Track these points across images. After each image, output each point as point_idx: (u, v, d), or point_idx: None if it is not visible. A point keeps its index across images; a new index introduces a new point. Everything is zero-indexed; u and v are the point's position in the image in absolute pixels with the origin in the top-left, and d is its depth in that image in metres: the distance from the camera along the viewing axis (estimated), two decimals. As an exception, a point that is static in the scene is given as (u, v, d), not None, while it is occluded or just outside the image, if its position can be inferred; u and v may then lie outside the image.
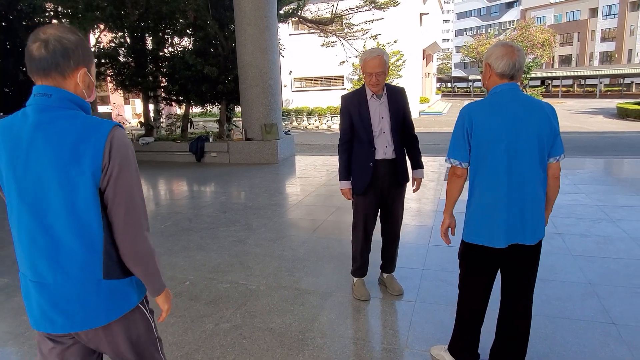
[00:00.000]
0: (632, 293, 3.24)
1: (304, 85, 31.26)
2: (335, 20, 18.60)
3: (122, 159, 1.34)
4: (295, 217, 5.66)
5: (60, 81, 1.35)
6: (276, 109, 9.91)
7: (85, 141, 1.30)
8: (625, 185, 6.47)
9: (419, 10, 29.84)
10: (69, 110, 1.35)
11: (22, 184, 1.32)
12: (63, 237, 1.33)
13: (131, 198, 1.37)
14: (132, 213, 1.38)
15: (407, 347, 2.71)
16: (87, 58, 1.40)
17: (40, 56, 1.32)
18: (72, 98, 1.37)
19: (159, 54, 11.86)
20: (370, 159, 3.05)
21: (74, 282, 1.36)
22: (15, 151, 1.31)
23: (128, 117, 27.24)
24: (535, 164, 2.08)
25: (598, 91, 46.14)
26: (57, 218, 1.32)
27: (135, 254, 1.41)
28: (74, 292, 1.36)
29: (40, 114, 1.33)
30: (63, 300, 1.37)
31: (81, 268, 1.35)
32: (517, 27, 48.50)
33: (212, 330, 2.96)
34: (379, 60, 2.90)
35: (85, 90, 1.41)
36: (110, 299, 1.41)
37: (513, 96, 2.09)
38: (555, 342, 2.69)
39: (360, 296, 3.29)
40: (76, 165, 1.29)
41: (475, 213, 2.17)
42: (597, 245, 4.19)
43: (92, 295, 1.38)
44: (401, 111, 3.10)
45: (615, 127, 20.78)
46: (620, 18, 51.79)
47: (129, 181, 1.36)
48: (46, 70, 1.34)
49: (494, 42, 2.26)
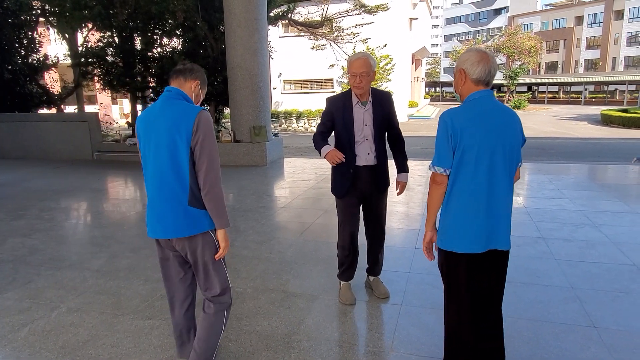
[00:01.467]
0: (613, 297, 3.30)
1: (293, 88, 31.27)
2: (325, 24, 18.67)
3: (205, 131, 2.08)
4: (283, 219, 5.66)
5: (182, 83, 2.23)
6: (265, 111, 9.90)
7: (184, 118, 2.08)
8: (609, 191, 6.59)
9: (408, 15, 30.06)
10: (179, 100, 2.17)
11: (149, 145, 2.15)
12: (167, 177, 2.11)
13: (211, 156, 2.10)
14: (211, 166, 2.10)
15: (392, 350, 2.73)
16: (201, 78, 2.29)
17: (178, 67, 2.27)
18: (183, 95, 2.21)
19: (147, 54, 11.77)
20: (351, 165, 3.05)
21: (170, 205, 2.12)
22: (147, 125, 2.17)
23: (115, 117, 26.98)
24: (509, 171, 2.13)
25: (583, 98, 46.93)
26: (165, 166, 2.10)
27: (211, 194, 2.11)
28: (170, 212, 2.12)
29: (163, 102, 2.18)
30: (163, 216, 2.14)
31: (175, 197, 2.11)
32: (505, 34, 49.19)
33: (197, 332, 2.94)
34: (363, 61, 2.90)
35: (194, 96, 2.26)
36: (192, 220, 2.13)
37: (491, 104, 2.11)
38: (538, 345, 2.73)
39: (346, 300, 3.30)
40: (177, 133, 2.06)
41: (455, 219, 2.15)
42: (580, 250, 4.26)
43: (180, 215, 2.12)
44: (386, 117, 3.10)
45: (600, 133, 21.15)
46: (605, 26, 52.77)
47: (210, 145, 2.09)
48: (177, 74, 2.23)
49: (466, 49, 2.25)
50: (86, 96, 23.29)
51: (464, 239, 2.13)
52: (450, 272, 2.25)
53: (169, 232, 2.15)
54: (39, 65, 13.03)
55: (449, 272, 2.25)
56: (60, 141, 11.19)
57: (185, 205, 2.11)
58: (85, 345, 2.82)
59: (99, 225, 5.64)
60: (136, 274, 3.94)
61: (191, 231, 2.13)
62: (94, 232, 5.37)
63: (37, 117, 12.14)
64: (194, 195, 2.12)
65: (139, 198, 7.21)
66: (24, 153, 11.35)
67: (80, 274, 3.96)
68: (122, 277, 3.87)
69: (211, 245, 2.20)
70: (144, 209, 6.36)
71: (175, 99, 2.17)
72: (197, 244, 2.17)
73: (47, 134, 11.28)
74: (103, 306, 3.34)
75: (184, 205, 2.11)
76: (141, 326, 3.04)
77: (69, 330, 3.01)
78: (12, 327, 3.07)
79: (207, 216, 2.15)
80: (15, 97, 12.58)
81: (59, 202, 6.73)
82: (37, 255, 4.44)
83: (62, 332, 2.99)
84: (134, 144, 10.78)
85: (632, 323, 2.94)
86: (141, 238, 4.94)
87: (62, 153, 11.14)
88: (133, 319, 3.15)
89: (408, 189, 7.17)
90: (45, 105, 13.96)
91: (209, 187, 2.09)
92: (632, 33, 49.69)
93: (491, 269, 2.25)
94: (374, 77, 2.99)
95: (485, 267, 2.22)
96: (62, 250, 4.62)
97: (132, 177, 8.84)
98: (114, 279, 3.83)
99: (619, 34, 51.33)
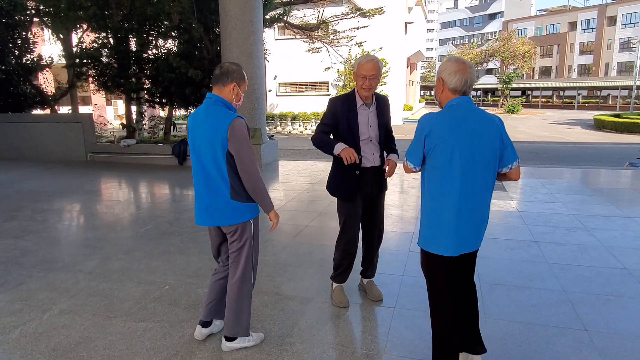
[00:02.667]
0: (604, 300, 3.33)
1: (288, 90, 31.28)
2: (321, 27, 18.69)
3: (238, 137, 2.42)
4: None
5: (221, 89, 2.52)
6: (260, 114, 9.90)
7: (220, 125, 2.42)
8: (601, 195, 6.64)
9: (403, 19, 30.21)
10: (217, 107, 2.49)
11: (194, 146, 2.52)
12: (212, 175, 2.49)
13: (245, 159, 2.45)
14: (247, 168, 2.47)
15: (386, 352, 2.74)
16: (238, 79, 2.52)
17: (215, 73, 2.53)
18: (222, 101, 2.51)
19: (142, 55, 11.74)
20: (357, 166, 3.05)
21: (215, 198, 2.52)
22: (193, 128, 2.54)
23: (110, 119, 26.86)
24: (487, 174, 2.20)
25: (576, 102, 47.32)
26: (208, 165, 2.48)
27: (251, 190, 2.53)
28: (215, 203, 2.53)
29: (205, 108, 2.52)
30: (210, 207, 2.55)
31: (219, 192, 2.51)
32: (499, 38, 49.47)
33: (190, 335, 2.93)
34: (374, 64, 2.92)
35: (234, 97, 2.54)
36: (233, 211, 2.54)
37: (468, 109, 2.19)
38: (530, 348, 2.74)
39: (339, 303, 3.29)
40: (215, 138, 2.42)
41: (429, 221, 2.25)
42: (572, 254, 4.29)
43: (224, 207, 2.53)
44: (386, 120, 3.16)
45: (593, 138, 21.32)
46: (598, 32, 53.25)
47: (243, 149, 2.44)
48: (215, 81, 2.52)
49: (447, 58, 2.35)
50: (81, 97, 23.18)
51: (439, 242, 2.22)
52: (430, 272, 2.32)
53: (215, 221, 2.59)
54: (32, 65, 12.94)
55: (429, 271, 2.34)
56: (53, 142, 11.12)
57: (228, 199, 2.51)
58: (77, 348, 2.80)
59: (91, 227, 5.61)
60: (129, 276, 3.92)
61: (234, 220, 2.56)
62: (86, 233, 5.34)
63: (31, 118, 12.07)
64: (235, 190, 2.51)
65: (132, 199, 7.19)
66: (17, 154, 11.27)
67: (72, 275, 3.94)
68: (115, 279, 3.85)
69: (248, 232, 2.62)
70: (137, 211, 6.34)
71: (215, 105, 2.49)
72: (237, 231, 2.59)
73: (41, 134, 11.22)
74: (95, 308, 3.33)
75: (227, 199, 2.51)
76: (134, 328, 3.03)
77: (60, 333, 2.99)
78: (4, 329, 3.04)
79: (247, 208, 2.57)
80: (8, 98, 12.49)
81: (52, 204, 6.69)
82: (30, 257, 4.41)
83: (53, 334, 2.97)
84: (128, 145, 10.75)
85: (623, 326, 2.96)
86: (134, 240, 4.92)
87: (55, 154, 11.07)
88: (126, 321, 3.13)
89: (402, 192, 7.19)
90: (39, 106, 13.87)
91: (248, 185, 2.50)
92: (625, 39, 50.18)
93: (464, 270, 2.36)
94: (380, 78, 3.03)
95: (460, 268, 2.32)
96: (55, 252, 4.59)
97: (125, 178, 8.80)
98: (107, 281, 3.81)
99: (612, 40, 51.82)
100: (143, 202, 7.20)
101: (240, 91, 2.57)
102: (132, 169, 9.74)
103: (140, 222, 5.67)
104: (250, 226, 2.62)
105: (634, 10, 49.31)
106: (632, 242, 4.59)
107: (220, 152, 2.43)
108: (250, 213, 2.60)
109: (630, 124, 24.04)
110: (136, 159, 10.60)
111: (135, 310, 3.30)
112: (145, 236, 5.06)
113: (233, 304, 2.67)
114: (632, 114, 29.84)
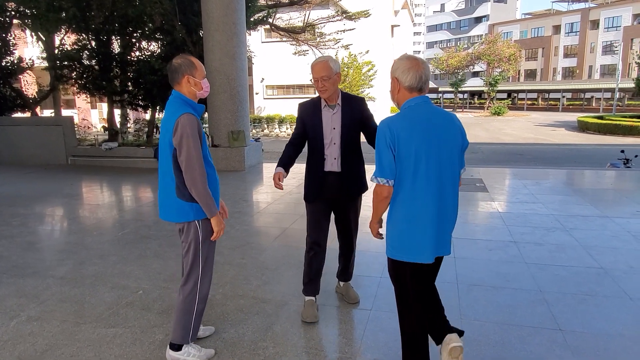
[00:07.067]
0: (580, 300, 3.33)
1: (275, 93, 31.24)
2: (307, 29, 18.71)
3: (182, 133, 2.32)
4: (259, 224, 5.60)
5: (179, 87, 2.46)
6: (244, 116, 9.84)
7: (170, 121, 2.38)
8: (581, 196, 6.70)
9: (390, 22, 30.39)
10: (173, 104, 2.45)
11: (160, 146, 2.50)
12: (163, 172, 2.49)
13: (188, 157, 2.34)
14: (189, 166, 2.35)
15: (359, 355, 2.70)
16: (188, 70, 2.42)
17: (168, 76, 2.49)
18: (180, 96, 2.46)
19: (125, 57, 11.61)
20: (321, 169, 3.01)
21: (164, 195, 2.51)
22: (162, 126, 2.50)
23: (95, 122, 26.53)
24: (454, 176, 2.14)
25: (561, 105, 48.00)
26: (162, 162, 2.47)
27: (192, 191, 2.40)
28: (165, 200, 2.52)
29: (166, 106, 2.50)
30: (160, 203, 2.56)
31: (167, 189, 2.48)
32: (485, 42, 50.02)
33: (161, 341, 2.87)
34: (323, 65, 2.84)
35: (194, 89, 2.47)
36: (178, 210, 2.47)
37: (429, 109, 2.11)
38: (504, 348, 2.73)
39: (306, 317, 3.09)
40: (166, 133, 2.39)
41: (399, 229, 2.14)
42: (550, 254, 4.30)
43: (171, 204, 2.49)
44: (357, 121, 3.00)
45: (576, 139, 21.61)
46: (581, 36, 54.12)
47: (187, 147, 2.32)
48: (171, 82, 2.48)
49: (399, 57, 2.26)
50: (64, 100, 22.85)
51: (410, 249, 2.12)
52: (400, 279, 2.26)
53: (164, 216, 2.57)
54: (13, 68, 12.73)
55: (397, 279, 2.28)
56: (33, 146, 10.92)
57: (174, 197, 2.46)
58: (43, 356, 2.72)
59: (68, 231, 5.50)
60: (103, 281, 3.84)
61: (178, 219, 2.50)
62: (62, 238, 5.23)
63: (10, 121, 11.85)
64: (179, 188, 2.44)
65: (111, 203, 7.07)
66: (-5, 158, 11.05)
67: (43, 281, 3.84)
68: (88, 285, 3.76)
69: (193, 233, 2.51)
70: (116, 215, 6.23)
71: (171, 103, 2.47)
72: (183, 230, 2.54)
73: (20, 138, 11.01)
74: (65, 314, 3.24)
75: (173, 196, 2.46)
76: (103, 334, 2.95)
77: (27, 340, 2.90)
78: (-32, 337, 2.95)
79: (192, 207, 2.46)
80: (-13, 101, 12.27)
81: (29, 208, 6.55)
82: (0, 263, 4.30)
83: (19, 341, 2.88)
84: (110, 148, 10.61)
85: (597, 325, 2.97)
86: (111, 244, 4.83)
87: (35, 158, 10.87)
88: (95, 327, 3.06)
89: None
90: (19, 109, 13.64)
91: (189, 185, 2.39)
92: (607, 42, 51.07)
93: (432, 274, 2.31)
94: (338, 79, 2.92)
95: (427, 272, 2.26)
96: (27, 257, 4.48)
97: (106, 182, 8.67)
98: (79, 287, 3.72)
99: (595, 43, 52.69)
100: (124, 206, 7.09)
101: (197, 79, 2.45)
102: (114, 173, 9.60)
103: (118, 227, 5.57)
104: (195, 227, 2.50)
105: (616, 14, 50.26)
106: (609, 241, 4.62)
107: (169, 148, 2.40)
108: (195, 214, 2.47)
109: (613, 125, 24.43)
110: (118, 162, 10.46)
111: (106, 316, 3.22)
112: (122, 240, 4.97)
113: (178, 309, 2.56)
114: (615, 115, 30.33)
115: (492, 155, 15.61)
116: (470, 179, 8.16)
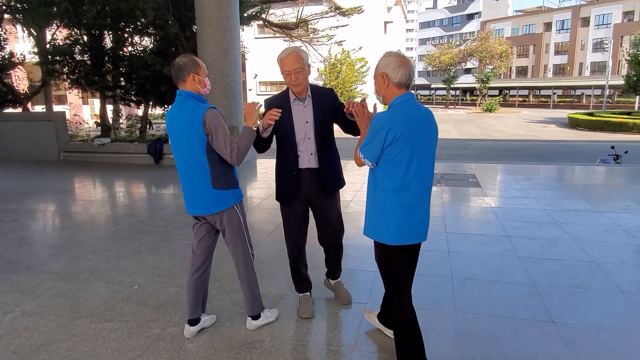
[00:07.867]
0: (572, 293, 3.38)
1: (269, 89, 31.15)
2: (301, 25, 18.66)
3: (214, 125, 2.50)
4: (253, 220, 5.60)
5: (184, 85, 2.57)
6: (237, 112, 9.80)
7: (195, 118, 2.50)
8: (572, 191, 6.78)
9: (383, 18, 30.39)
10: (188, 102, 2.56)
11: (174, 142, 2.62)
12: (193, 169, 2.60)
13: (225, 136, 2.52)
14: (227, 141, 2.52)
15: (356, 348, 2.73)
16: (193, 68, 2.55)
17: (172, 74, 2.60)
18: (191, 94, 2.57)
19: (117, 52, 11.51)
20: (294, 167, 2.85)
21: (199, 190, 2.62)
22: (170, 125, 2.61)
23: (87, 118, 26.29)
24: (432, 167, 2.32)
25: (552, 101, 48.31)
26: (189, 159, 2.58)
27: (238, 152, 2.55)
28: (199, 194, 2.64)
29: (178, 104, 2.59)
30: (194, 198, 2.66)
31: (201, 183, 2.61)
32: (477, 38, 50.17)
33: (158, 335, 2.88)
34: (295, 57, 2.68)
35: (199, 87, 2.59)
36: (216, 200, 2.64)
37: (415, 105, 2.23)
38: (498, 340, 2.77)
39: (302, 314, 3.10)
40: (193, 130, 2.50)
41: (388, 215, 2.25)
42: (542, 248, 4.35)
43: (208, 197, 2.62)
44: (329, 114, 2.86)
45: (567, 136, 21.79)
46: (572, 33, 54.47)
47: (223, 131, 2.52)
48: (176, 80, 2.59)
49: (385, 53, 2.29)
50: (56, 96, 22.66)
51: (399, 232, 2.25)
52: (389, 264, 2.35)
53: (199, 210, 2.69)
54: (4, 63, 12.58)
55: (387, 264, 2.36)
56: (25, 141, 10.82)
57: (211, 189, 2.60)
58: (39, 350, 2.72)
59: (61, 227, 5.47)
60: (97, 276, 3.83)
61: (219, 208, 2.65)
62: (55, 234, 5.20)
63: (1, 117, 11.71)
64: (215, 179, 2.59)
65: (104, 199, 7.03)
66: (-14, 154, 10.93)
67: (37, 276, 3.82)
68: (82, 280, 3.75)
69: (234, 218, 2.72)
70: (111, 210, 6.20)
71: (186, 101, 2.56)
72: (224, 218, 2.70)
73: (12, 133, 10.90)
74: (60, 309, 3.23)
75: (209, 189, 2.60)
76: (99, 329, 2.95)
77: (22, 335, 2.89)
78: (-38, 332, 2.93)
79: (229, 195, 2.66)
80: (-23, 96, 12.13)
81: (21, 204, 6.49)
82: (-7, 258, 4.27)
83: (14, 336, 2.87)
84: (102, 144, 10.53)
85: (589, 317, 3.01)
86: (105, 240, 4.81)
87: (27, 153, 10.77)
88: (91, 322, 3.05)
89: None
90: (10, 105, 13.49)
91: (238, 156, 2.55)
92: (598, 39, 51.45)
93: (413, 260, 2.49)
94: (309, 70, 2.79)
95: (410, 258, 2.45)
96: (21, 252, 4.45)
97: (99, 178, 8.62)
98: (74, 282, 3.71)
99: (586, 40, 53.08)
100: (117, 201, 7.05)
101: (202, 77, 2.59)
102: (106, 168, 9.54)
103: (111, 222, 5.54)
104: (235, 211, 2.71)
105: (606, 11, 50.62)
106: (599, 235, 4.69)
107: (199, 144, 2.51)
108: (233, 199, 2.68)
109: (603, 122, 24.65)
110: (111, 158, 10.39)
111: (102, 310, 3.21)
112: (116, 236, 4.95)
113: (246, 285, 2.85)
114: (605, 112, 30.60)
115: (485, 151, 15.71)
116: (463, 174, 8.22)
